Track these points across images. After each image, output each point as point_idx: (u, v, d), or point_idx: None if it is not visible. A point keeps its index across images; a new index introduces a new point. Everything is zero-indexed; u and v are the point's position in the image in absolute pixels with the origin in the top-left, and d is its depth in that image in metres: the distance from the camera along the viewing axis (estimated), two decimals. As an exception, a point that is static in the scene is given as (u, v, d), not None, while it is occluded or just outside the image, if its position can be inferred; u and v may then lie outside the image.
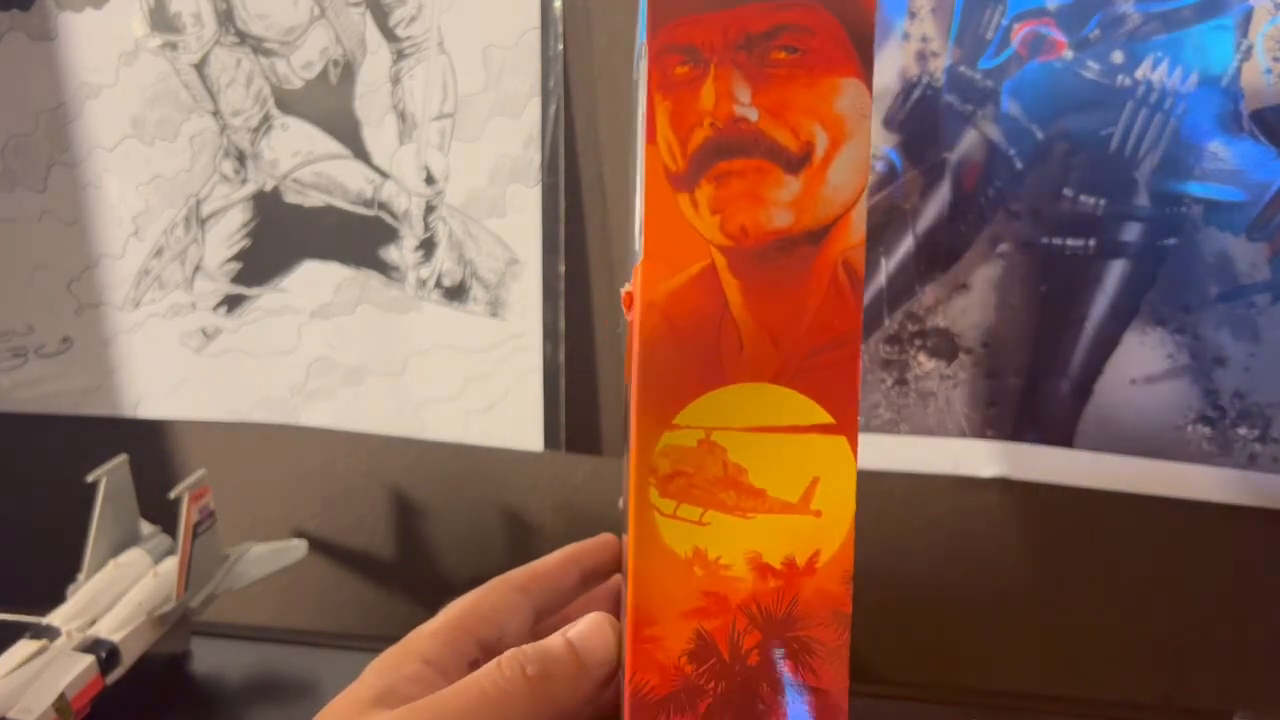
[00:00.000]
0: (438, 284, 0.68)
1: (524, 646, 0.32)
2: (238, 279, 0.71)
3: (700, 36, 0.29)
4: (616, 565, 0.39)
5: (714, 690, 0.29)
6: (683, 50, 0.29)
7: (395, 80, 0.65)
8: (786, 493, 0.29)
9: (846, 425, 0.29)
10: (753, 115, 0.29)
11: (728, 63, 0.29)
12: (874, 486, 0.62)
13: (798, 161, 0.29)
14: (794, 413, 0.29)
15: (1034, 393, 0.59)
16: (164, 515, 0.66)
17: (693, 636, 0.29)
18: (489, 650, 0.34)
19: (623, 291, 0.31)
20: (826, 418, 0.29)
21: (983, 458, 0.60)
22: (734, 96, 0.29)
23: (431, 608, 0.38)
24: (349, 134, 0.67)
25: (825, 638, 0.30)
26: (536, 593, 0.36)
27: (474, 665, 0.33)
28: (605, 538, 0.40)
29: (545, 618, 0.37)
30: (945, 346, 0.60)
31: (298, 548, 0.70)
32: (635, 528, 0.28)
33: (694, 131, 0.29)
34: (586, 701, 0.32)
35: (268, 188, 0.69)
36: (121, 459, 0.65)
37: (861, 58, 0.29)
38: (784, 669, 0.30)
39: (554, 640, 0.32)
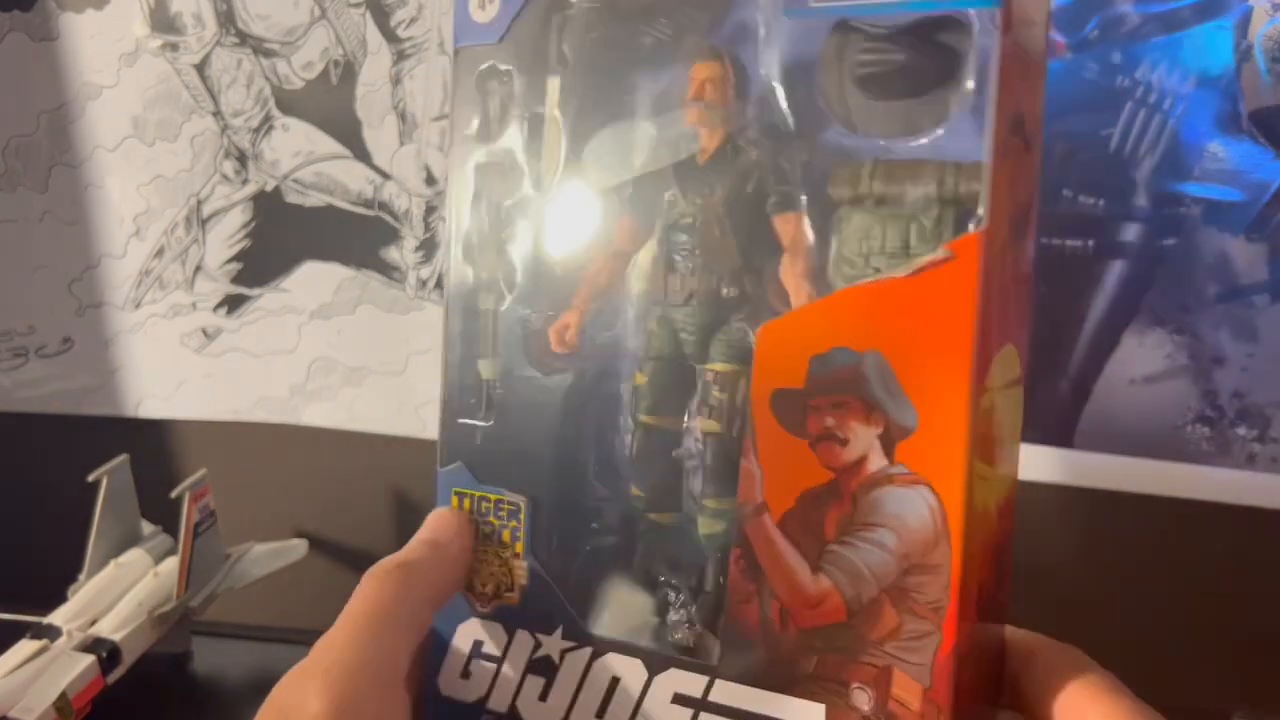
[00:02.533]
0: (438, 284, 0.68)
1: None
2: (238, 279, 0.71)
3: None
4: None
5: (974, 635, 0.30)
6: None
7: (396, 81, 0.65)
8: (1007, 441, 0.30)
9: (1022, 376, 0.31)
10: None
11: None
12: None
13: None
14: (1011, 367, 0.30)
15: (1033, 393, 0.59)
16: (165, 515, 0.66)
17: (979, 587, 0.29)
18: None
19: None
20: (1019, 369, 0.31)
21: (982, 458, 0.60)
22: None
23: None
24: (350, 134, 0.67)
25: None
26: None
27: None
28: None
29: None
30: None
31: (298, 547, 0.70)
32: (958, 492, 0.28)
33: None
34: (452, 582, 0.34)
35: (268, 188, 0.69)
36: (122, 459, 0.65)
37: None
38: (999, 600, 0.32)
39: (409, 544, 0.34)
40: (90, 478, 0.63)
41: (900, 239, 0.28)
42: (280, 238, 0.70)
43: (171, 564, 0.65)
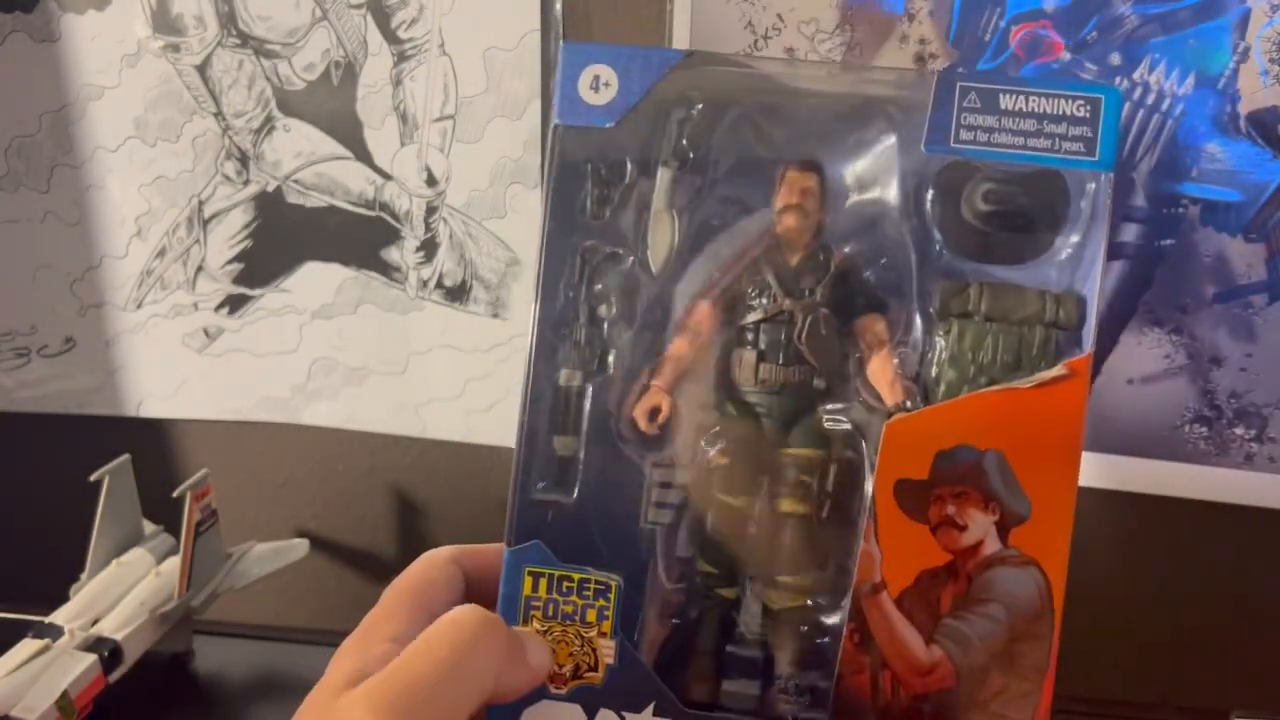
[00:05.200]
0: (439, 284, 0.68)
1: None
2: (240, 279, 0.71)
3: None
4: None
5: None
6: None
7: (397, 82, 0.65)
8: None
9: None
10: None
11: None
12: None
13: None
14: None
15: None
16: (166, 514, 0.66)
17: None
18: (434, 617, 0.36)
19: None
20: None
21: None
22: None
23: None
24: (351, 135, 0.67)
25: None
26: (467, 563, 0.37)
27: None
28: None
29: (475, 596, 0.37)
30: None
31: (299, 546, 0.70)
32: (1061, 571, 0.33)
33: None
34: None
35: (270, 189, 0.70)
36: (124, 459, 0.65)
37: None
38: None
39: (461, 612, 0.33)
40: (92, 478, 0.63)
41: (1013, 353, 0.33)
42: (281, 238, 0.70)
43: (173, 563, 0.65)
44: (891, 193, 0.34)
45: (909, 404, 0.33)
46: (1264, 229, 0.54)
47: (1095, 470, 0.59)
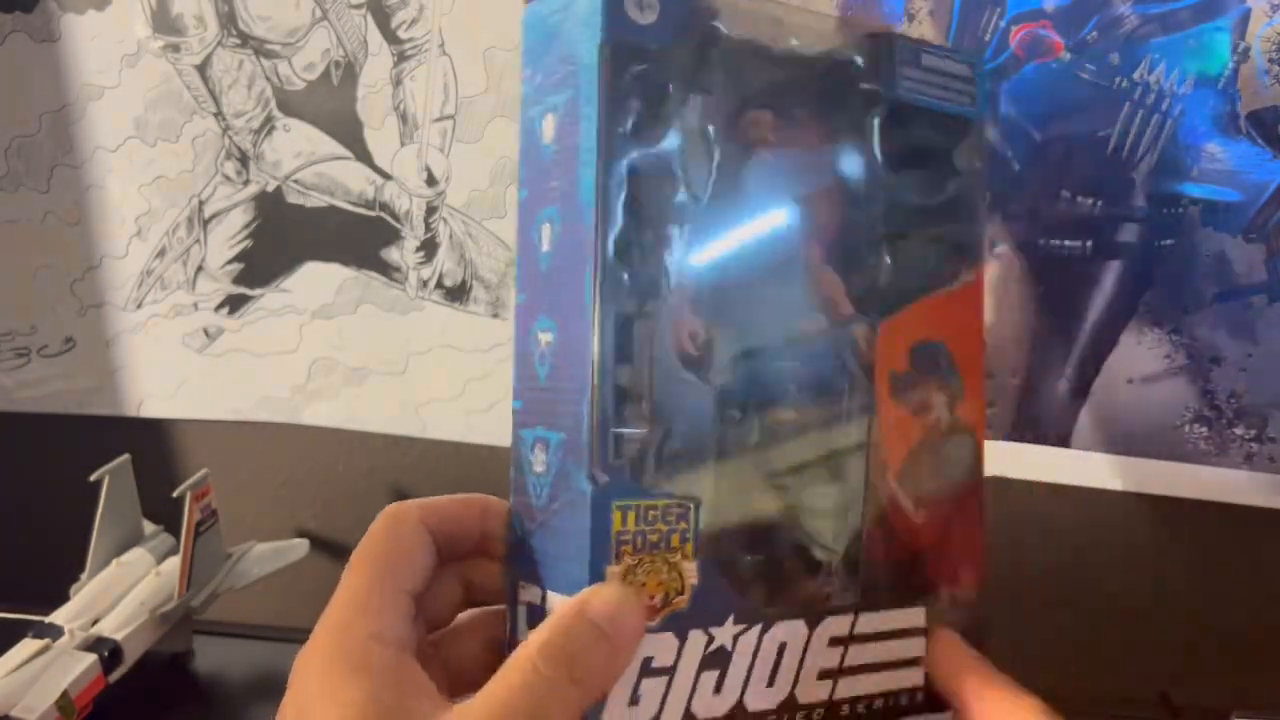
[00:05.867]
0: (439, 284, 0.68)
1: (539, 636, 0.31)
2: (240, 279, 0.71)
3: None
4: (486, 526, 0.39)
5: None
6: None
7: (397, 82, 0.65)
8: None
9: None
10: None
11: None
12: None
13: None
14: None
15: (1032, 393, 0.59)
16: (166, 514, 0.66)
17: None
18: (416, 598, 0.34)
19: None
20: None
21: (981, 457, 0.61)
22: None
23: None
24: (351, 135, 0.67)
25: None
26: (433, 521, 0.35)
27: (412, 620, 0.33)
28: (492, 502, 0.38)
29: (446, 559, 0.36)
30: (944, 347, 0.60)
31: (299, 546, 0.70)
32: (981, 435, 0.41)
33: None
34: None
35: (270, 189, 0.70)
36: (124, 459, 0.65)
37: None
38: None
39: (572, 621, 0.31)
40: (92, 478, 0.63)
41: (940, 263, 0.40)
42: (281, 238, 0.70)
43: (173, 563, 0.65)
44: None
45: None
46: (1264, 229, 0.54)
47: (1095, 470, 0.59)
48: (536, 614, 0.34)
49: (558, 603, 0.33)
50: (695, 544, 0.34)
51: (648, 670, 0.33)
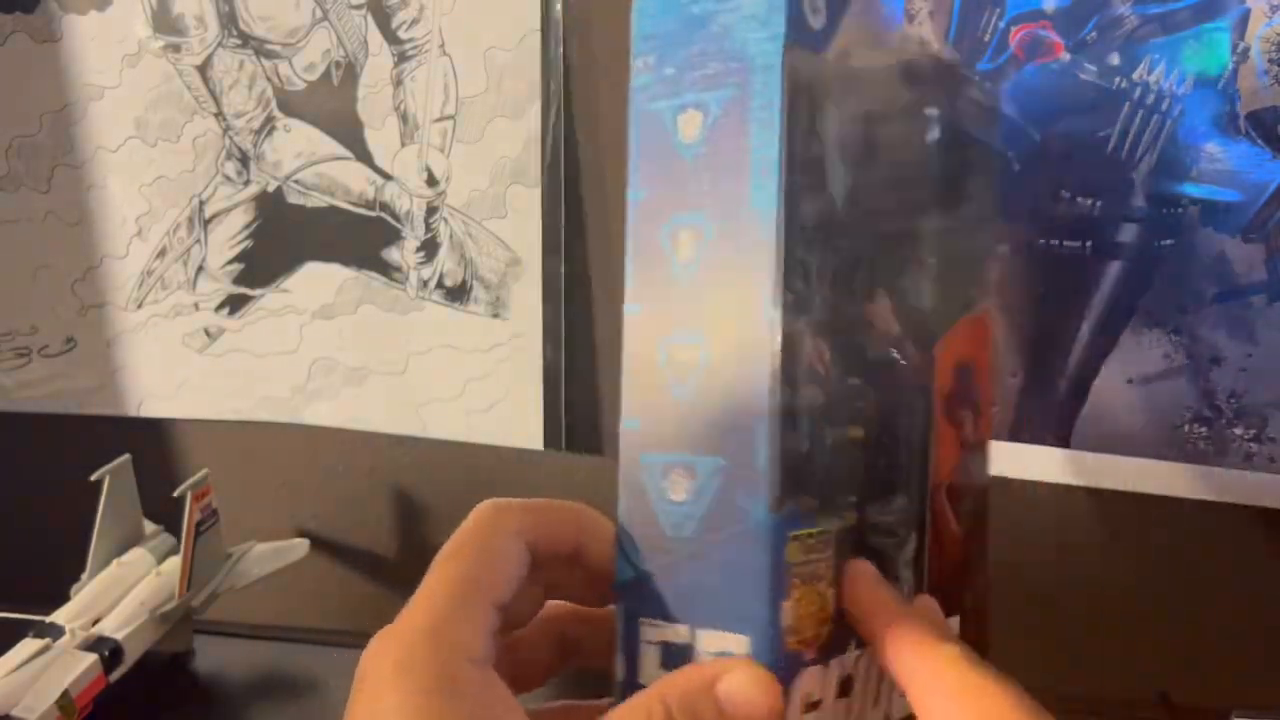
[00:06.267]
0: (439, 284, 0.68)
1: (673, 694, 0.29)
2: (240, 279, 0.72)
3: None
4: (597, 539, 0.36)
5: None
6: None
7: (397, 82, 0.65)
8: None
9: None
10: None
11: None
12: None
13: None
14: None
15: (1031, 393, 0.59)
16: (167, 514, 0.66)
17: None
18: (503, 611, 0.32)
19: None
20: None
21: (981, 457, 0.61)
22: None
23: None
24: (351, 135, 0.67)
25: None
26: (531, 535, 0.33)
27: (496, 633, 0.31)
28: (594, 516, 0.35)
29: (537, 570, 0.33)
30: (944, 347, 0.60)
31: (299, 546, 0.70)
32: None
33: None
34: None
35: (270, 189, 0.70)
36: (124, 459, 0.65)
37: None
38: None
39: (699, 701, 0.29)
40: (92, 478, 0.64)
41: (966, 288, 0.42)
42: (282, 238, 0.70)
43: (173, 563, 0.65)
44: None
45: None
46: (1264, 229, 0.54)
47: (1095, 470, 0.59)
48: (681, 654, 0.31)
49: (716, 642, 0.31)
50: (834, 573, 0.32)
51: (810, 706, 0.32)
